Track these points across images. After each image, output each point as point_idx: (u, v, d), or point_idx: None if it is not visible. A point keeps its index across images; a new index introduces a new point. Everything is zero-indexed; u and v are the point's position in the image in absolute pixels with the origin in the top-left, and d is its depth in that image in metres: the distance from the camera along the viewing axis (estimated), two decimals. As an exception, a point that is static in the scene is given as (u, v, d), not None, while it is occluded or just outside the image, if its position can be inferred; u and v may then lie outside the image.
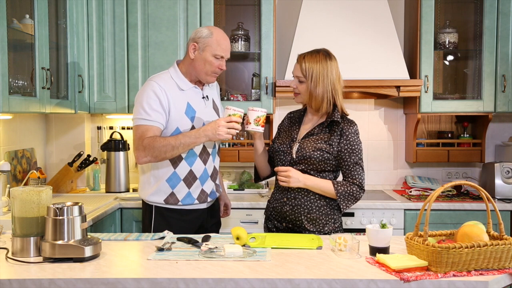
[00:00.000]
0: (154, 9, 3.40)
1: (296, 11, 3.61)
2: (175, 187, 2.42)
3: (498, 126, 3.81)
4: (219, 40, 2.39)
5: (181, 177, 2.42)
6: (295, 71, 2.35)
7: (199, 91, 2.48)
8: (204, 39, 2.39)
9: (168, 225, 2.41)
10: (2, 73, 2.32)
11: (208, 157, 2.47)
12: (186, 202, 2.44)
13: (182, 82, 2.43)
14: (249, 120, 2.30)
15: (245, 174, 3.75)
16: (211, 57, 2.38)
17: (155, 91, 2.35)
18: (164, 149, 2.29)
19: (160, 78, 2.43)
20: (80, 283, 1.65)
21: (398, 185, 3.85)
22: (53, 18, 2.95)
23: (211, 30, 2.41)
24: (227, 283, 1.65)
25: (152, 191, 2.44)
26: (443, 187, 1.74)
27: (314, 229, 2.32)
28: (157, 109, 2.34)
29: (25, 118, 3.27)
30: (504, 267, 1.72)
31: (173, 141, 2.29)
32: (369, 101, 3.84)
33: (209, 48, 2.38)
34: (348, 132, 2.30)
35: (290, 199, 2.34)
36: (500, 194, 3.39)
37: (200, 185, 2.46)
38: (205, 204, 2.52)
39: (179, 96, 2.41)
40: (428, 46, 3.44)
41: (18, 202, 1.87)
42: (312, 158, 2.28)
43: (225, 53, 2.41)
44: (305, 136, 2.36)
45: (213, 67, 2.40)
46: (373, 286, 1.63)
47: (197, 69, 2.42)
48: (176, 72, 2.45)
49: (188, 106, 2.41)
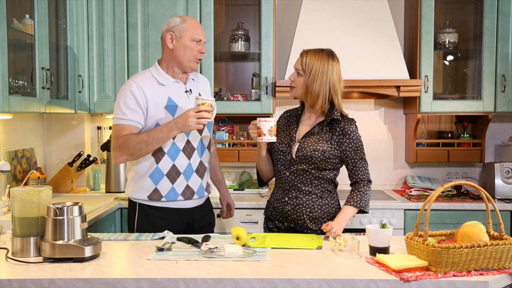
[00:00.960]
0: (154, 9, 3.40)
1: (296, 11, 3.61)
2: (158, 183, 2.40)
3: (498, 126, 3.81)
4: (193, 25, 2.42)
5: (164, 172, 2.40)
6: (296, 64, 2.36)
7: (182, 85, 2.47)
8: (179, 26, 2.40)
9: (151, 224, 2.40)
10: (2, 73, 2.32)
11: (192, 152, 2.45)
12: (169, 198, 2.41)
13: (163, 78, 2.43)
14: (263, 132, 2.26)
15: (245, 174, 3.75)
16: (190, 42, 2.39)
17: (132, 89, 2.35)
18: (138, 146, 2.29)
19: (139, 76, 2.44)
20: (80, 283, 1.65)
21: (398, 185, 3.85)
22: (53, 18, 2.95)
23: (182, 18, 2.43)
24: (227, 283, 1.65)
25: (136, 187, 2.43)
26: (443, 187, 1.74)
27: (317, 228, 2.32)
28: (134, 108, 2.34)
29: (25, 118, 3.27)
30: (504, 267, 1.72)
31: (146, 137, 2.28)
32: (369, 101, 3.84)
33: (186, 33, 2.39)
34: (350, 131, 2.31)
35: (291, 199, 2.34)
36: (500, 194, 3.39)
37: (185, 181, 2.43)
38: (191, 202, 2.47)
39: (159, 91, 2.40)
40: (428, 46, 3.44)
41: (18, 202, 1.87)
42: (313, 157, 2.28)
43: (202, 37, 2.43)
44: (305, 135, 2.35)
45: (194, 52, 2.40)
46: (373, 286, 1.63)
47: (179, 57, 2.41)
48: (157, 69, 2.45)
49: (169, 100, 2.40)
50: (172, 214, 2.44)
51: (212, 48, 3.43)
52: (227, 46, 3.67)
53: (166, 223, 2.40)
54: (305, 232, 2.32)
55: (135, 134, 2.32)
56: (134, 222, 2.45)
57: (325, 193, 2.35)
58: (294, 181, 2.33)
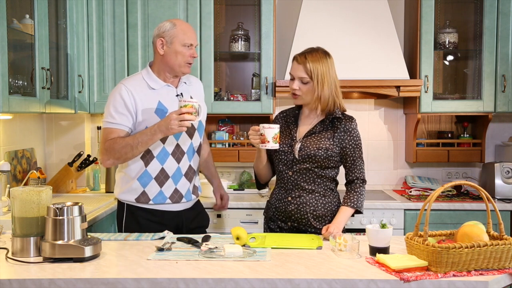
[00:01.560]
0: (154, 9, 3.40)
1: (296, 11, 3.61)
2: (146, 186, 2.39)
3: (498, 126, 3.81)
4: (184, 29, 2.38)
5: (153, 176, 2.39)
6: (297, 72, 2.30)
7: (173, 89, 2.45)
8: (169, 32, 2.38)
9: (139, 226, 2.39)
10: (2, 73, 2.32)
11: (182, 156, 2.43)
12: (157, 201, 2.41)
13: (153, 82, 2.41)
14: (267, 139, 2.22)
15: (245, 174, 3.75)
16: (181, 47, 2.37)
17: (121, 93, 2.35)
18: (124, 150, 2.29)
19: (129, 79, 2.43)
20: (80, 283, 1.65)
21: (398, 185, 3.85)
22: (53, 18, 2.95)
23: (173, 22, 2.41)
24: (227, 283, 1.65)
25: (124, 189, 2.43)
26: (443, 187, 1.74)
27: (321, 226, 2.32)
28: (122, 112, 2.33)
29: (25, 118, 3.27)
30: (504, 267, 1.72)
31: (131, 141, 2.28)
32: (369, 101, 3.84)
33: (177, 39, 2.37)
34: (351, 128, 2.33)
35: (294, 198, 2.34)
36: (500, 194, 3.39)
37: (173, 184, 2.42)
38: (179, 205, 2.46)
39: (150, 95, 2.39)
40: (428, 46, 3.44)
41: (18, 202, 1.87)
42: (316, 156, 2.29)
43: (193, 41, 2.40)
44: (306, 135, 2.35)
45: (185, 57, 2.38)
46: (373, 286, 1.63)
47: (170, 63, 2.40)
48: (148, 73, 2.44)
49: (159, 104, 2.38)
50: (160, 217, 2.43)
51: (212, 48, 3.43)
52: (227, 46, 3.67)
53: (154, 225, 2.39)
54: (309, 231, 2.32)
55: (121, 138, 2.31)
56: (122, 223, 2.45)
57: (328, 191, 2.36)
58: (297, 180, 2.33)
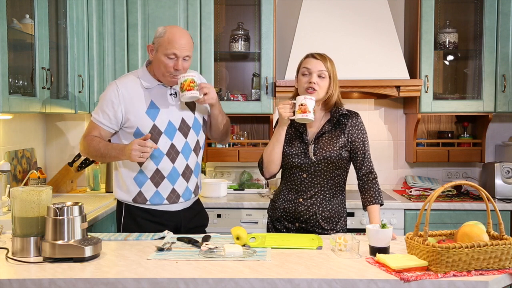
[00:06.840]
0: (154, 9, 3.40)
1: (296, 11, 3.61)
2: (142, 186, 2.38)
3: (498, 126, 3.81)
4: (170, 38, 2.28)
5: (148, 176, 2.37)
6: (317, 66, 2.30)
7: (167, 88, 2.41)
8: (157, 39, 2.33)
9: (137, 225, 2.39)
10: (2, 73, 2.32)
11: (177, 155, 2.39)
12: (154, 201, 2.39)
13: (147, 81, 2.38)
14: (308, 109, 2.19)
15: (245, 174, 3.75)
16: (163, 57, 2.29)
17: (111, 94, 2.35)
18: (95, 153, 2.34)
19: (123, 78, 2.42)
20: (80, 283, 1.65)
21: (398, 185, 3.85)
22: (53, 18, 2.95)
23: (165, 29, 2.33)
24: (227, 283, 1.65)
25: (121, 189, 2.43)
26: (443, 187, 1.74)
27: (329, 227, 2.34)
28: (108, 112, 2.34)
29: (25, 118, 3.27)
30: (504, 267, 1.72)
31: (103, 149, 2.31)
32: (369, 101, 3.84)
33: (161, 48, 2.29)
34: (358, 122, 2.39)
35: (306, 200, 2.35)
36: (500, 194, 3.39)
37: (170, 185, 2.39)
38: (177, 205, 2.44)
39: (142, 95, 2.37)
40: (428, 46, 3.44)
41: (18, 202, 1.87)
42: (332, 157, 2.31)
43: (178, 51, 2.27)
44: (317, 136, 2.35)
45: (168, 68, 2.30)
46: (373, 286, 1.63)
47: (156, 71, 2.37)
48: (143, 71, 2.42)
49: (151, 104, 2.36)
50: (158, 217, 2.42)
51: (212, 48, 3.43)
52: (227, 46, 3.67)
53: (152, 224, 2.39)
54: (316, 232, 2.34)
55: (99, 140, 2.34)
56: (121, 223, 2.45)
57: (337, 192, 2.38)
58: (312, 182, 2.34)
